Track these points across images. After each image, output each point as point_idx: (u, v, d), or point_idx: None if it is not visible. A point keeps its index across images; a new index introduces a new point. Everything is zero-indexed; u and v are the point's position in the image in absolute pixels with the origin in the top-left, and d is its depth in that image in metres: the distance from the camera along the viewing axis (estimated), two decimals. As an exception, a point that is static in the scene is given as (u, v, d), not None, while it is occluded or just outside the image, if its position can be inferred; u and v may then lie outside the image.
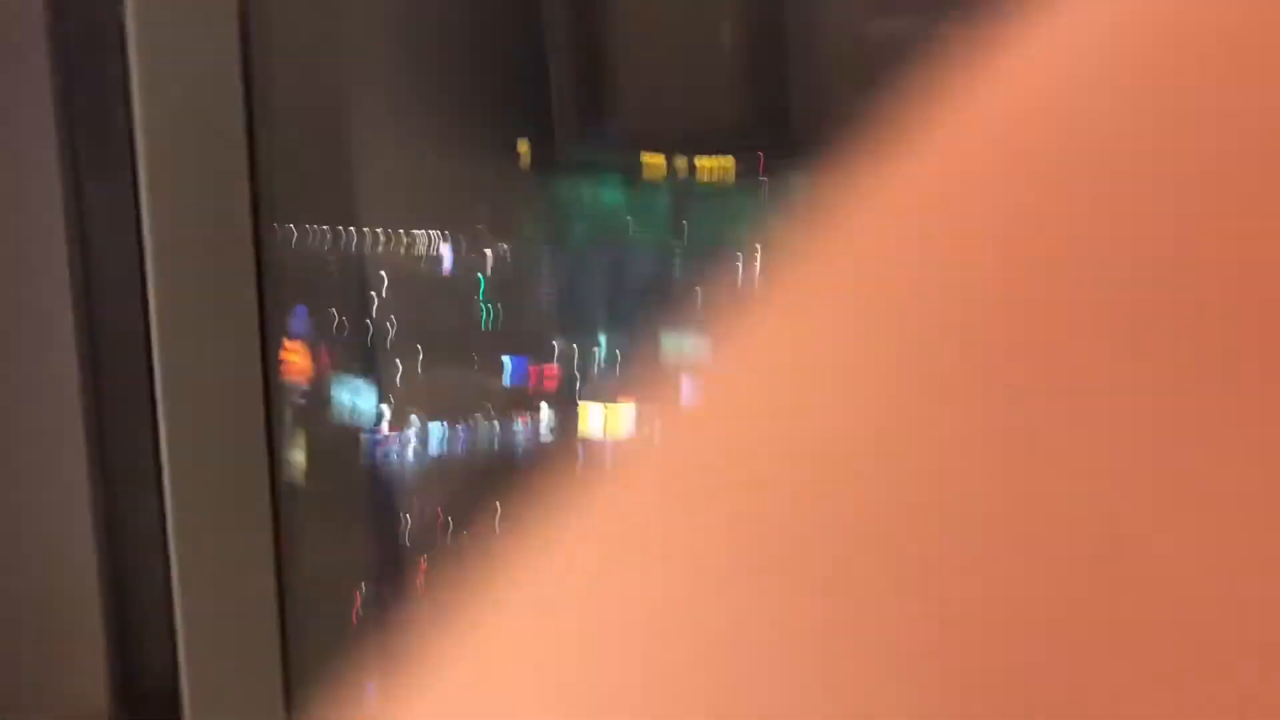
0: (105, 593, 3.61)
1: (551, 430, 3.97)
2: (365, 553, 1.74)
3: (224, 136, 1.32)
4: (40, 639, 3.69)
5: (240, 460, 1.38)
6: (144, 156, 1.29)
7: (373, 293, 3.71)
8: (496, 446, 3.87)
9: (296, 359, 2.16)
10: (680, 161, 3.12)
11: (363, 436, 3.34)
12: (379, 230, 3.57)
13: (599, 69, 3.14)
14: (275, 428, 1.38)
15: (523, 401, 4.05)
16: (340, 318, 2.12)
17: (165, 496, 1.34)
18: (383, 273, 3.74)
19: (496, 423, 3.97)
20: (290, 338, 2.03)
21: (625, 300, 3.99)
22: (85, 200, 3.57)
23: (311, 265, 1.91)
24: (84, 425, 3.71)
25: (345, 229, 1.98)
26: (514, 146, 3.21)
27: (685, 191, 3.46)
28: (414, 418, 3.91)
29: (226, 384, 1.34)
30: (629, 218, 3.58)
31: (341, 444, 2.36)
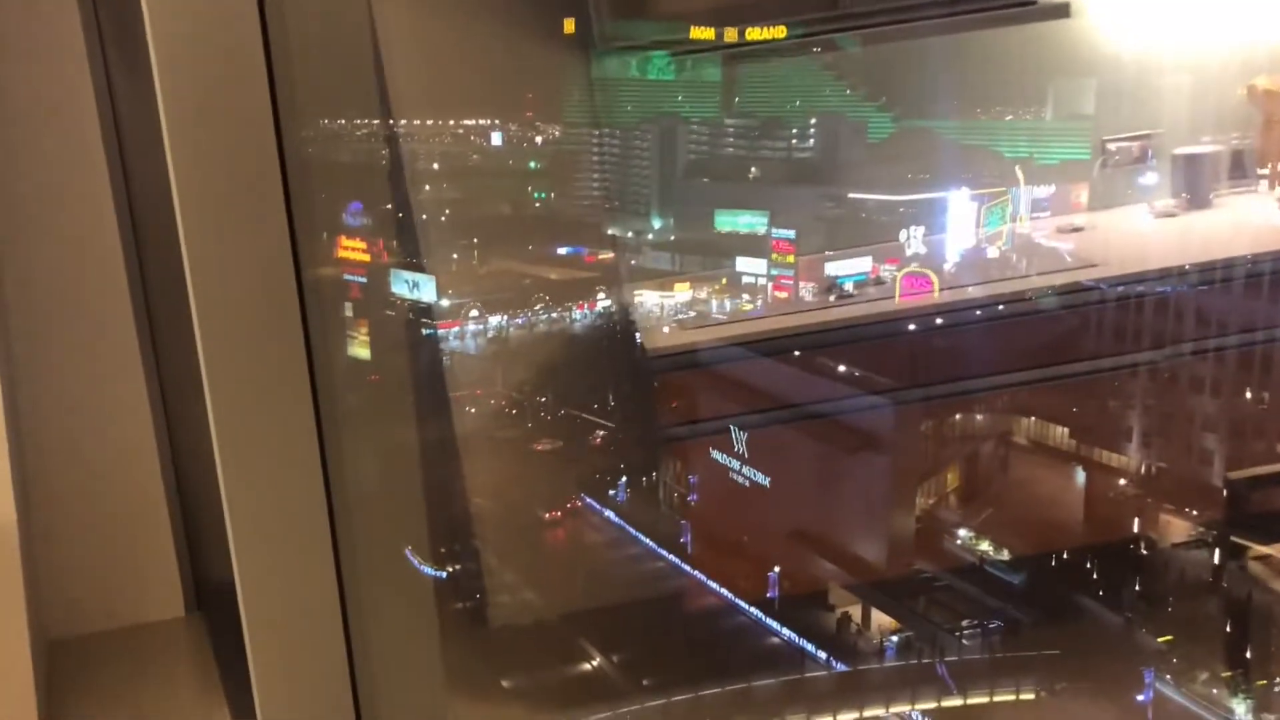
0: (173, 504, 3.65)
1: (610, 315, 3.87)
2: (422, 443, 1.71)
3: (240, 35, 1.23)
4: (120, 552, 3.75)
5: (279, 364, 1.33)
6: (157, 57, 1.21)
7: (426, 185, 3.62)
8: (553, 333, 3.78)
9: (355, 254, 2.10)
10: (730, 33, 2.94)
11: (422, 328, 3.28)
12: (428, 121, 3.44)
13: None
14: (312, 328, 1.32)
15: (579, 289, 3.96)
16: (396, 212, 2.05)
17: (208, 407, 1.30)
18: (435, 165, 3.63)
19: (554, 312, 3.87)
20: (348, 234, 1.97)
21: (678, 179, 3.85)
22: (117, 105, 3.45)
23: (361, 161, 1.83)
24: (139, 343, 3.65)
25: (391, 121, 1.89)
26: (560, 25, 3.05)
27: (736, 64, 3.28)
28: (472, 308, 3.85)
29: (258, 284, 1.28)
30: (679, 95, 3.42)
31: (402, 334, 2.30)
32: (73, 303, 3.31)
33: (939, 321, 3.36)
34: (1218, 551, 3.12)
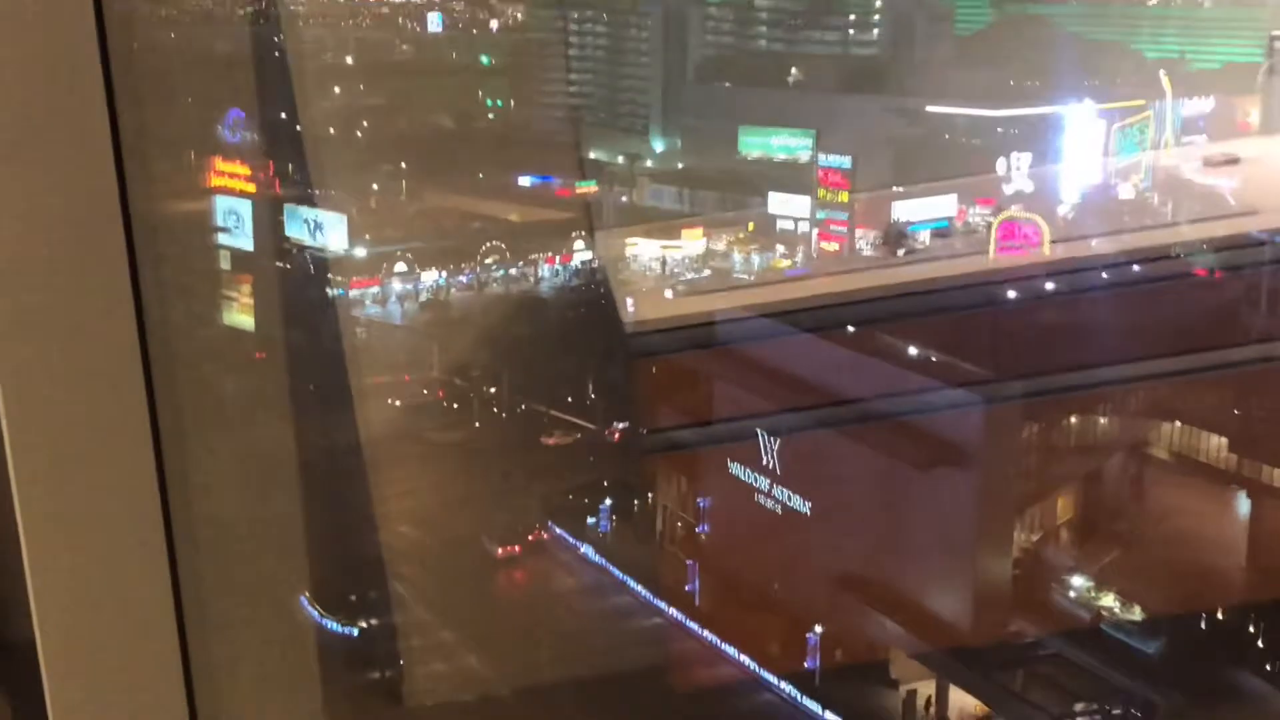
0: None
1: (590, 272, 3.92)
2: (315, 451, 1.64)
3: None
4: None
5: (99, 344, 1.25)
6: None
7: (335, 87, 3.67)
8: (514, 296, 3.81)
9: (233, 183, 2.04)
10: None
11: (328, 286, 3.32)
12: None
13: None
14: (146, 288, 1.24)
15: (547, 236, 4.01)
16: (291, 124, 1.98)
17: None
18: (348, 58, 3.67)
19: (513, 267, 3.93)
20: (225, 155, 1.91)
21: (689, 82, 3.88)
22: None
23: (238, 52, 1.75)
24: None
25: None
26: None
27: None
28: (399, 260, 3.92)
29: (68, 230, 1.20)
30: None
31: (299, 295, 2.25)
32: None
33: (1049, 287, 3.28)
34: None
